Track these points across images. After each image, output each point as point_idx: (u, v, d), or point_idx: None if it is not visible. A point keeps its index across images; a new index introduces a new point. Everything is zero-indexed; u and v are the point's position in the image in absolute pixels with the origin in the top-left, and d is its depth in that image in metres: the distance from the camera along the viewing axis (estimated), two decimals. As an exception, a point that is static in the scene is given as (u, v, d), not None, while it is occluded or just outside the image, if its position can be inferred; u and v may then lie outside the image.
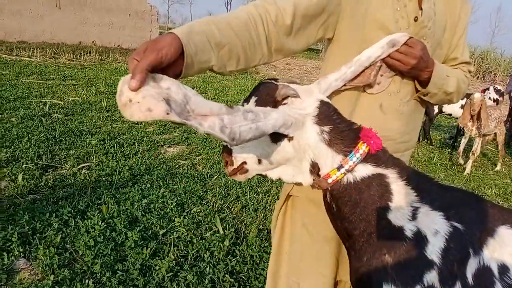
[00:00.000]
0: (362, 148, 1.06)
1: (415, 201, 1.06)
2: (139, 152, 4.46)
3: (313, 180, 1.09)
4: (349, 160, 1.05)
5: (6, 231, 2.59)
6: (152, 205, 3.20)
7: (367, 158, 1.07)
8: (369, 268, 1.08)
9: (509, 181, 5.64)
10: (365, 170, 1.07)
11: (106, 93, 7.26)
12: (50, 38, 12.21)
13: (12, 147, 4.07)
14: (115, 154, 4.28)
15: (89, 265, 2.39)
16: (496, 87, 8.64)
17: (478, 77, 22.22)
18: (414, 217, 1.05)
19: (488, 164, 6.48)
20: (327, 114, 1.08)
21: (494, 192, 4.90)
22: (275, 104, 1.05)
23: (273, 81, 1.11)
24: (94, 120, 5.51)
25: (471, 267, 1.02)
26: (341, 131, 1.08)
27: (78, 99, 6.62)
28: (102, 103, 6.47)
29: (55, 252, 2.45)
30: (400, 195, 1.07)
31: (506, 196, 4.90)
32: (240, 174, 1.14)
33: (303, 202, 1.39)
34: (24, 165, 3.67)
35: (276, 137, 1.05)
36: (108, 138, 4.79)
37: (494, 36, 57.13)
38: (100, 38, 13.10)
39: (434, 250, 1.03)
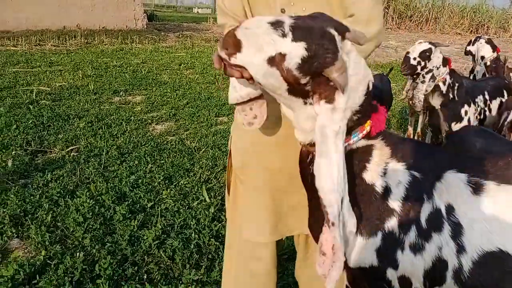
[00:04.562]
0: (367, 129, 1.07)
1: (388, 157, 1.13)
2: (127, 132, 4.53)
3: (309, 143, 1.08)
4: (351, 139, 1.07)
5: (-2, 215, 2.70)
6: (140, 181, 3.29)
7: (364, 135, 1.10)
8: None
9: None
10: (357, 144, 1.10)
11: (93, 76, 7.26)
12: (33, 25, 12.07)
13: (1, 136, 4.14)
14: (103, 135, 4.34)
15: (80, 240, 2.50)
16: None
17: (471, 31, 22.00)
18: (384, 173, 1.12)
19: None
20: (366, 98, 1.04)
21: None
22: (318, 75, 0.91)
23: (336, 34, 0.92)
24: (81, 104, 5.55)
25: (424, 211, 1.10)
26: (364, 114, 1.06)
27: (65, 84, 6.63)
28: (89, 86, 6.49)
29: (47, 230, 2.56)
30: (378, 156, 1.13)
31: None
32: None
33: (234, 153, 1.49)
34: (14, 152, 3.75)
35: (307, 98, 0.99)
36: (96, 120, 4.85)
37: (486, -12, 55.90)
38: (84, 21, 12.95)
39: (395, 199, 1.10)
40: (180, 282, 2.19)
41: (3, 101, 5.39)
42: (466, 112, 3.09)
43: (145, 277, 2.23)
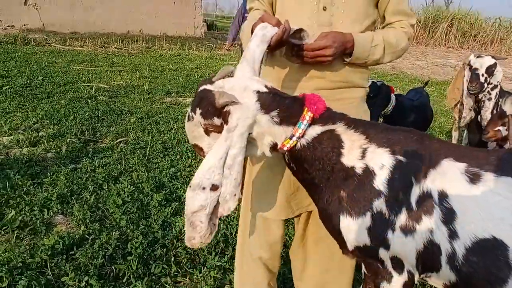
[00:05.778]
0: (308, 115, 1.22)
1: (364, 143, 1.22)
2: (173, 129, 4.73)
3: (272, 152, 1.28)
4: (298, 129, 1.22)
5: (48, 192, 2.93)
6: (178, 173, 3.45)
7: (314, 121, 1.23)
8: (329, 206, 1.25)
9: None
10: (314, 131, 1.23)
11: (149, 77, 7.64)
12: (100, 28, 12.86)
13: (59, 125, 4.48)
14: (151, 130, 4.58)
15: (117, 220, 2.67)
16: None
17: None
18: (363, 156, 1.20)
19: None
20: (268, 100, 1.21)
21: None
22: (219, 112, 1.18)
23: (208, 85, 1.23)
24: (135, 102, 5.87)
25: (414, 194, 1.14)
26: (287, 108, 1.23)
27: (123, 83, 7.03)
28: (144, 86, 6.84)
29: (89, 210, 2.75)
30: (350, 141, 1.23)
31: None
32: None
33: None
34: (68, 139, 4.04)
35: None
36: (146, 116, 5.11)
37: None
38: (147, 26, 13.63)
39: (380, 181, 1.16)
40: (204, 266, 2.28)
41: (65, 95, 5.81)
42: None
43: (172, 259, 2.34)
